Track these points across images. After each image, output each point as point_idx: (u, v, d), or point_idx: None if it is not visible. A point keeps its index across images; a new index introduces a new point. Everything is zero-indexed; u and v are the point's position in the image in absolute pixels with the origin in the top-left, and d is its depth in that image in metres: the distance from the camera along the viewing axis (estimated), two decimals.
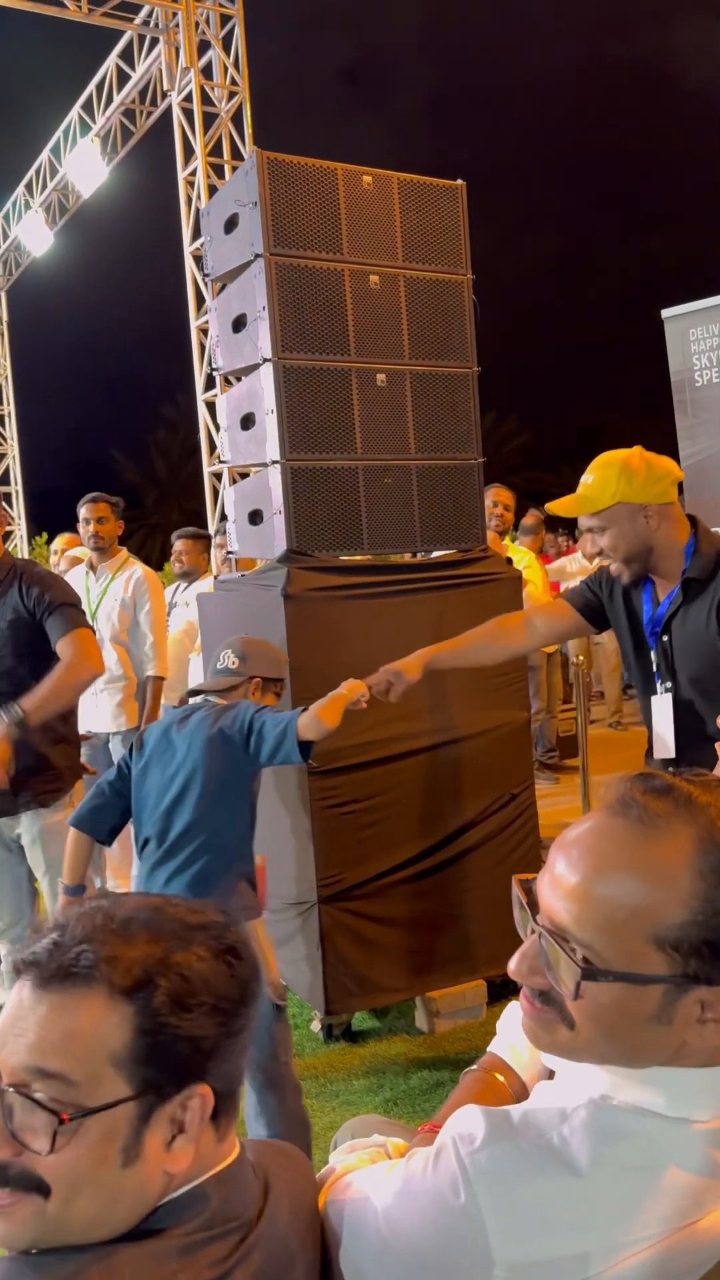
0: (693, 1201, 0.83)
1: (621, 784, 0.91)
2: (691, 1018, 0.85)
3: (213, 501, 8.33)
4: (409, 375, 3.38)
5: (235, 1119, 0.93)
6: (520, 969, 0.91)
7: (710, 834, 0.85)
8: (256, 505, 3.37)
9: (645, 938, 0.84)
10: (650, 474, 2.27)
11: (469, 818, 3.39)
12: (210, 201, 3.58)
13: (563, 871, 0.89)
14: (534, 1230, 0.82)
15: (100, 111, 9.34)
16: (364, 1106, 2.85)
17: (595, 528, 2.29)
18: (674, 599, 2.27)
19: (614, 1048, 0.88)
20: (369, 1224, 0.90)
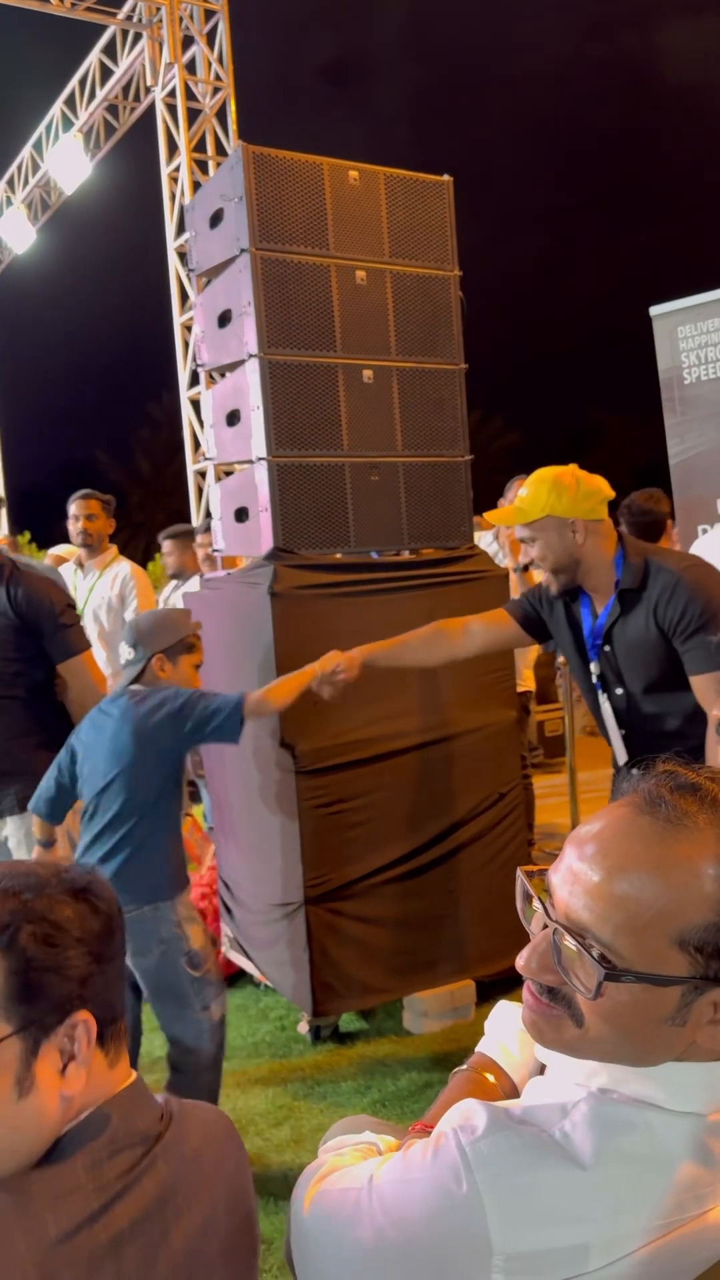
0: (694, 1195, 0.83)
1: (647, 780, 0.89)
2: (704, 1019, 0.85)
3: (197, 500, 8.29)
4: (396, 372, 3.37)
5: (123, 1045, 1.01)
6: (530, 965, 0.89)
7: None
8: (242, 503, 3.34)
9: (668, 939, 0.82)
10: (579, 491, 2.40)
11: (457, 817, 3.37)
12: (195, 196, 3.55)
13: (583, 868, 0.87)
14: (535, 1221, 0.81)
15: (83, 107, 9.27)
16: (352, 1108, 2.83)
17: (527, 538, 2.44)
18: (611, 610, 2.40)
19: (624, 1047, 0.86)
20: (364, 1216, 0.89)
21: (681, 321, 3.44)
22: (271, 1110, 2.86)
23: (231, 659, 3.42)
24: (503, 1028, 1.18)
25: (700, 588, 2.27)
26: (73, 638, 3.01)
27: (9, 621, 2.92)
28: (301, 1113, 2.85)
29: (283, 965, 3.26)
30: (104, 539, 4.70)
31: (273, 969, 3.38)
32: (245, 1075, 3.08)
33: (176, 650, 2.64)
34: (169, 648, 2.63)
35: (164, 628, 2.66)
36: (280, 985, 3.37)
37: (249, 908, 3.46)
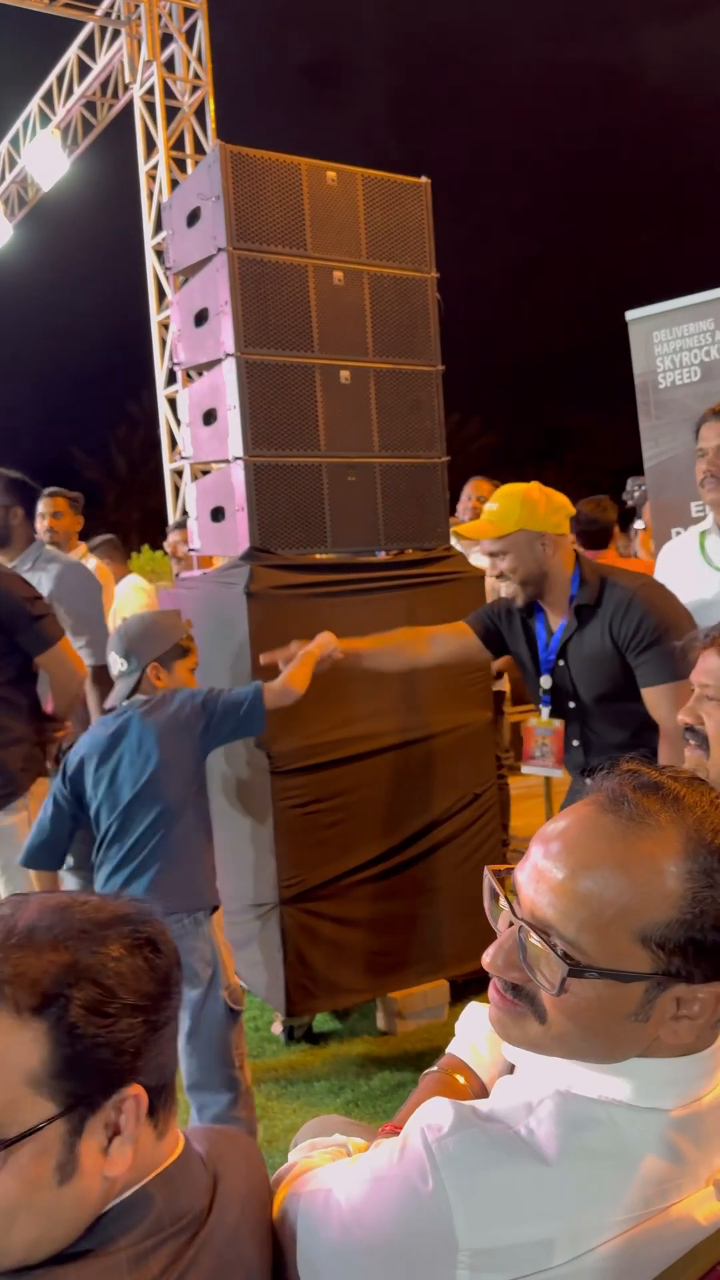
0: (658, 1190, 0.83)
1: (610, 779, 0.90)
2: (667, 1015, 0.86)
3: (174, 498, 8.27)
4: (373, 373, 3.37)
5: (174, 1111, 0.90)
6: (495, 962, 0.91)
7: (699, 833, 0.85)
8: (219, 502, 3.33)
9: (631, 936, 0.84)
10: (549, 506, 2.48)
11: (432, 818, 3.38)
12: (172, 195, 3.54)
13: (547, 865, 0.88)
14: (499, 1217, 0.82)
15: (61, 103, 9.23)
16: (325, 1108, 2.83)
17: (498, 551, 2.49)
18: (567, 626, 2.47)
19: (588, 1043, 0.87)
20: (332, 1215, 0.89)
21: (657, 326, 3.46)
22: None
23: (206, 659, 3.41)
24: (473, 1029, 1.19)
25: (654, 604, 2.37)
26: (47, 628, 2.97)
27: None
28: (274, 1113, 2.85)
29: (256, 966, 3.25)
30: (71, 536, 4.65)
31: (246, 969, 3.37)
32: None
33: (171, 656, 2.57)
34: (163, 655, 2.55)
35: (155, 634, 2.57)
36: (254, 986, 3.37)
37: (223, 908, 3.45)
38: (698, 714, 1.55)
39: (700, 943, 0.83)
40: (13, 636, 2.93)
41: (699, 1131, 0.87)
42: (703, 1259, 0.81)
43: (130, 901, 0.91)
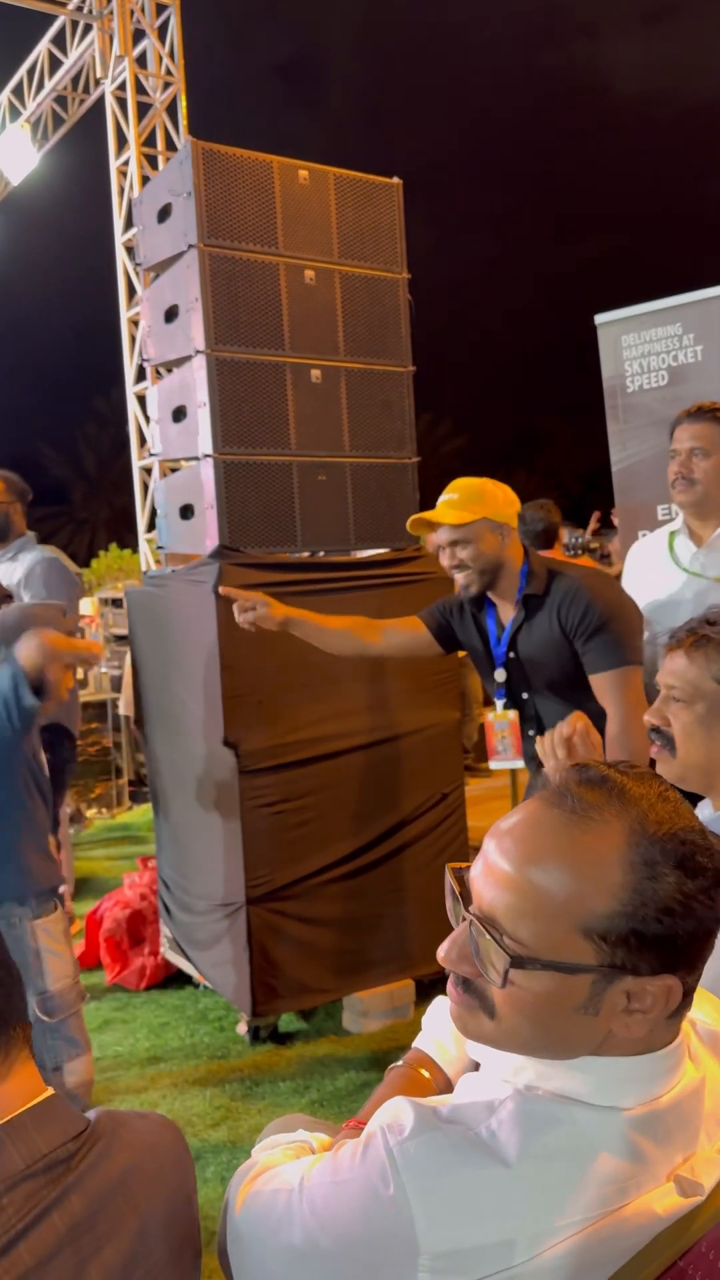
0: (617, 1188, 0.84)
1: (557, 775, 0.92)
2: (618, 1008, 0.86)
3: (143, 496, 8.21)
4: (344, 372, 3.37)
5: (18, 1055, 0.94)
6: (449, 955, 0.92)
7: (641, 826, 0.86)
8: (188, 500, 3.32)
9: (574, 927, 0.85)
10: (504, 498, 2.53)
11: (399, 817, 3.38)
12: (143, 190, 3.52)
13: (495, 860, 0.90)
14: (460, 1219, 0.82)
15: (31, 97, 9.13)
16: (290, 1108, 2.83)
17: (459, 540, 2.50)
18: (516, 619, 2.51)
19: (540, 1038, 0.88)
20: (294, 1217, 0.89)
21: (625, 330, 3.49)
22: (209, 1111, 2.85)
23: (175, 657, 3.39)
24: (439, 1024, 1.19)
25: (599, 592, 2.41)
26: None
27: None
28: (239, 1113, 2.84)
29: (222, 966, 3.24)
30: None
31: (212, 969, 3.35)
32: (183, 1076, 3.06)
33: None
34: None
35: (29, 622, 2.51)
36: (219, 986, 3.35)
37: (189, 908, 3.44)
38: (664, 715, 1.56)
39: (642, 934, 0.84)
40: None
41: (659, 1130, 0.87)
42: (666, 1251, 0.82)
43: None
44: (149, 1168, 0.94)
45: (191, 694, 3.27)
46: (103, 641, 9.81)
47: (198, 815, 3.35)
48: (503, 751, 2.66)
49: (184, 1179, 0.99)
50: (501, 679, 2.59)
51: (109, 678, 7.97)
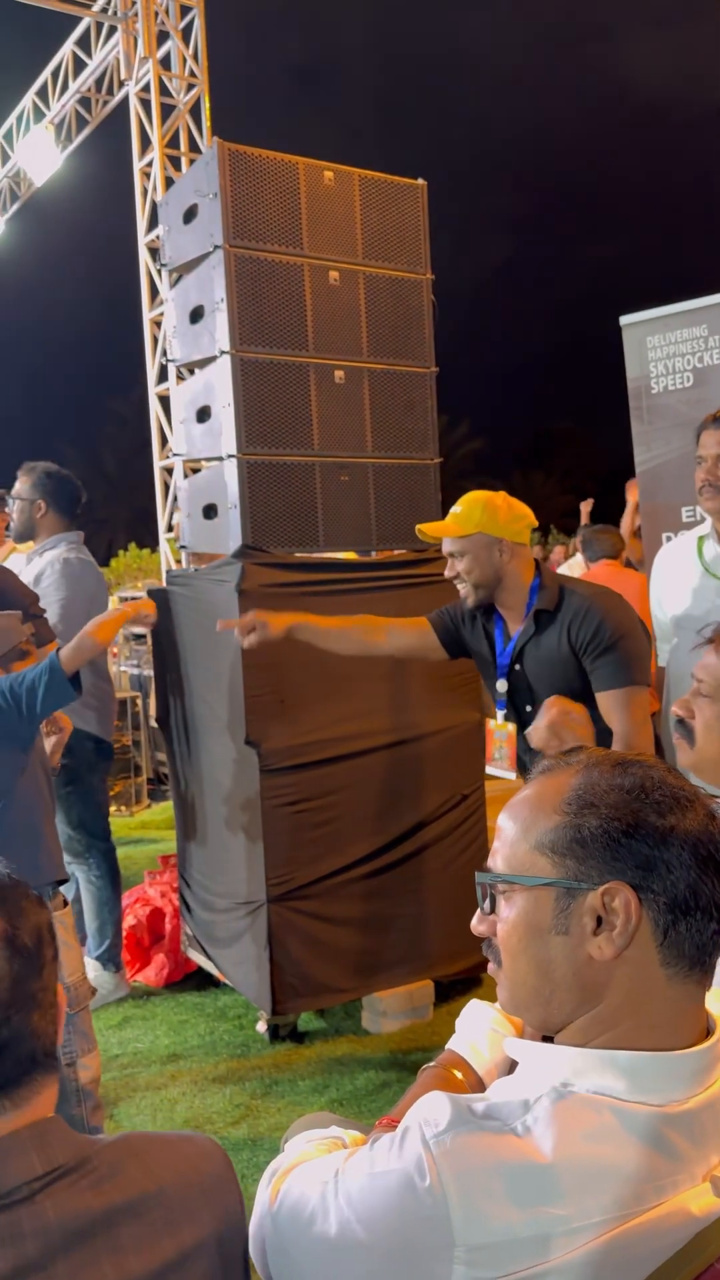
0: (653, 1186, 0.84)
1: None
2: (587, 930, 0.92)
3: (163, 496, 8.24)
4: (367, 373, 3.37)
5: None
6: (476, 925, 1.02)
7: (594, 769, 0.97)
8: (211, 500, 3.33)
9: (530, 846, 0.96)
10: (510, 514, 2.53)
11: (420, 818, 3.38)
12: (169, 191, 3.54)
13: (497, 828, 1.03)
14: (496, 1212, 0.82)
15: (55, 99, 9.19)
16: (310, 1107, 2.83)
17: (456, 552, 2.54)
18: (524, 631, 2.52)
19: (533, 973, 0.95)
20: (331, 1206, 0.90)
21: (650, 331, 3.48)
22: (229, 1109, 2.86)
23: (198, 656, 3.41)
24: (473, 1026, 1.19)
25: (611, 612, 2.42)
26: (40, 629, 2.96)
27: None
28: (259, 1112, 2.84)
29: (242, 964, 3.25)
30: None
31: (232, 967, 3.36)
32: (202, 1074, 3.07)
33: (9, 659, 2.55)
34: (2, 657, 2.54)
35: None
36: (239, 984, 3.36)
37: (210, 906, 3.45)
38: (689, 707, 1.58)
39: (582, 840, 0.93)
40: None
41: (694, 1129, 0.88)
42: (704, 1253, 0.82)
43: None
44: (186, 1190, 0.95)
45: (214, 693, 3.28)
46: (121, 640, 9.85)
47: (219, 813, 3.36)
48: (498, 760, 2.68)
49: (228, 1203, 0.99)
50: (503, 690, 2.60)
51: (128, 676, 8.00)
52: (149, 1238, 0.91)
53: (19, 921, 0.95)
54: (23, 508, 3.60)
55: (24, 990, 0.93)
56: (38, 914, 0.97)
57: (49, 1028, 0.95)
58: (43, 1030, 0.94)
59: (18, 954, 0.93)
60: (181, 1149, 0.99)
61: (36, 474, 3.63)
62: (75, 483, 3.71)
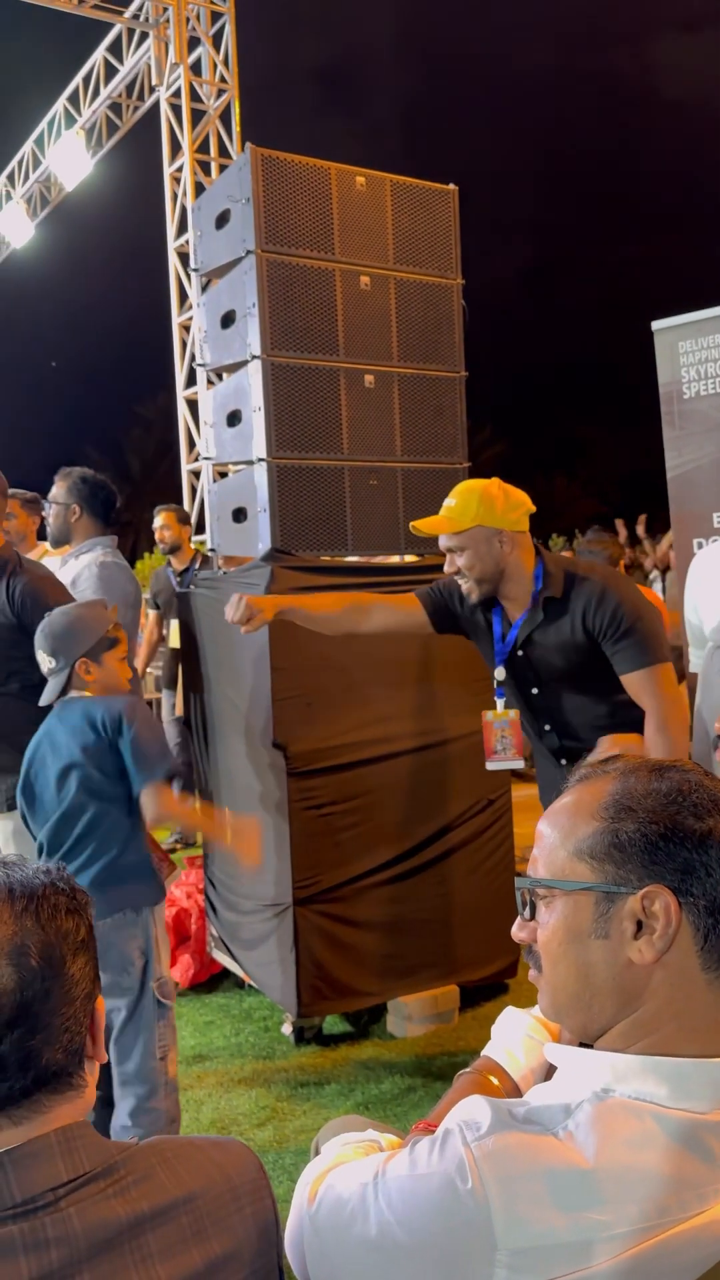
0: (695, 1194, 0.84)
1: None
2: (627, 934, 0.91)
3: (190, 499, 8.28)
4: (397, 378, 3.38)
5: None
6: (517, 932, 1.02)
7: (631, 775, 0.98)
8: (240, 503, 3.35)
9: (570, 852, 0.96)
10: (507, 502, 2.46)
11: (445, 822, 3.38)
12: (201, 196, 3.56)
13: (537, 835, 1.03)
14: (540, 1217, 0.82)
15: (86, 104, 9.28)
16: (335, 1110, 2.83)
17: (455, 548, 2.47)
18: (530, 618, 2.47)
19: (574, 974, 0.95)
20: (371, 1207, 0.90)
21: (682, 336, 3.46)
22: (255, 1111, 2.86)
23: (225, 658, 3.42)
24: (509, 1033, 1.19)
25: (624, 594, 2.40)
26: None
27: (6, 619, 2.88)
28: (285, 1114, 2.85)
29: (268, 966, 3.26)
30: (28, 536, 4.60)
31: (258, 969, 3.37)
32: (228, 1075, 3.08)
33: (99, 649, 2.48)
34: (91, 648, 2.47)
35: (80, 630, 2.48)
36: (265, 986, 3.37)
37: (236, 908, 3.46)
38: None
39: (621, 844, 0.93)
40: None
41: None
42: None
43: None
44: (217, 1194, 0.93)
45: (241, 695, 3.29)
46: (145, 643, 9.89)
47: (245, 815, 3.37)
48: (501, 751, 2.64)
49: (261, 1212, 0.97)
50: (501, 677, 2.57)
51: (154, 677, 8.05)
52: (177, 1246, 0.89)
53: (38, 934, 0.90)
54: (58, 512, 3.63)
55: (34, 1009, 0.89)
56: (67, 922, 0.93)
57: (70, 1044, 0.91)
58: (57, 1048, 0.90)
59: (27, 969, 0.89)
60: (213, 1155, 0.97)
61: (72, 479, 3.65)
62: (110, 488, 3.73)
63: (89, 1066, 0.95)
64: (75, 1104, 0.93)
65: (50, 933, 0.91)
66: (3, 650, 2.90)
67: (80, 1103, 0.94)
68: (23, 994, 0.88)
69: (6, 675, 2.92)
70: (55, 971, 0.91)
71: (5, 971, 0.88)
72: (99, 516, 3.69)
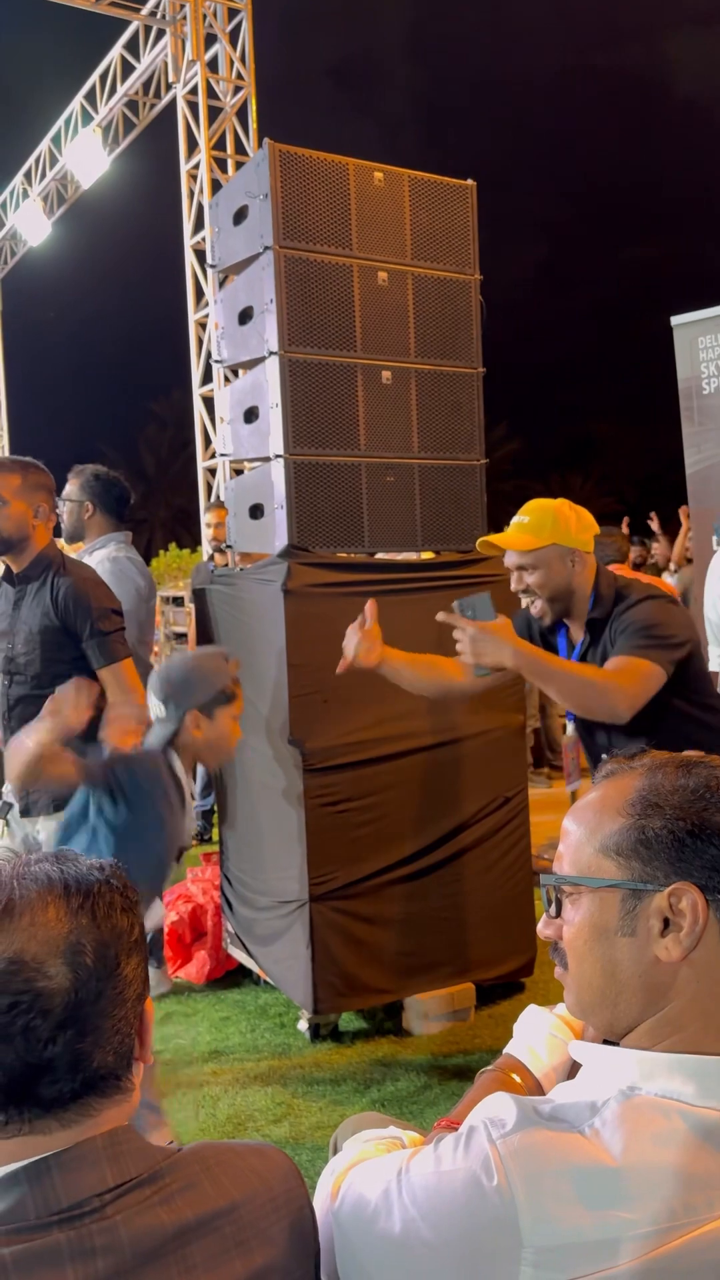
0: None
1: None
2: (654, 932, 0.91)
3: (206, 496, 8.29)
4: (414, 374, 3.37)
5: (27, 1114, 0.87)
6: (543, 929, 1.02)
7: (658, 771, 0.97)
8: (258, 500, 3.34)
9: (596, 849, 0.96)
10: (580, 523, 2.44)
11: (462, 820, 3.37)
12: (219, 193, 3.56)
13: (563, 832, 1.03)
14: (566, 1214, 0.82)
15: (103, 102, 9.29)
16: (351, 1107, 2.83)
17: (527, 565, 2.42)
18: (584, 642, 2.46)
19: (600, 971, 0.95)
20: (395, 1204, 0.89)
21: (702, 332, 3.44)
22: (270, 1107, 2.86)
23: (244, 655, 3.41)
24: (531, 1031, 1.19)
25: (653, 612, 2.34)
26: (110, 644, 2.89)
27: (50, 622, 2.86)
28: (300, 1111, 2.85)
29: (284, 962, 3.26)
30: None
31: (274, 965, 3.37)
32: (244, 1071, 3.08)
33: (214, 703, 2.36)
34: (205, 702, 2.35)
35: (198, 681, 2.36)
36: (281, 982, 3.37)
37: (252, 904, 3.46)
38: None
39: (647, 841, 0.93)
40: (79, 644, 2.89)
41: None
42: None
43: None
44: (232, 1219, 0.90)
45: (258, 691, 3.29)
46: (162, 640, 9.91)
47: (262, 811, 3.37)
48: (572, 773, 2.63)
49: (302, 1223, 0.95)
50: None
51: None
52: (221, 1256, 0.87)
53: (94, 932, 0.87)
54: (72, 509, 3.64)
55: (86, 1010, 0.86)
56: (122, 921, 0.90)
57: (120, 1047, 0.89)
58: (107, 1051, 0.88)
59: (82, 968, 0.86)
60: (253, 1163, 0.95)
61: (85, 476, 3.67)
62: (123, 484, 3.74)
63: (136, 1068, 0.93)
64: (122, 1107, 0.91)
65: (105, 931, 0.88)
66: (47, 653, 2.88)
67: (126, 1106, 0.91)
68: (76, 994, 0.85)
69: (51, 679, 2.87)
70: (109, 971, 0.88)
71: (60, 971, 0.85)
72: (112, 513, 3.70)
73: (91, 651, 2.89)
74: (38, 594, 2.89)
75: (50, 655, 2.88)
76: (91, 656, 2.89)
